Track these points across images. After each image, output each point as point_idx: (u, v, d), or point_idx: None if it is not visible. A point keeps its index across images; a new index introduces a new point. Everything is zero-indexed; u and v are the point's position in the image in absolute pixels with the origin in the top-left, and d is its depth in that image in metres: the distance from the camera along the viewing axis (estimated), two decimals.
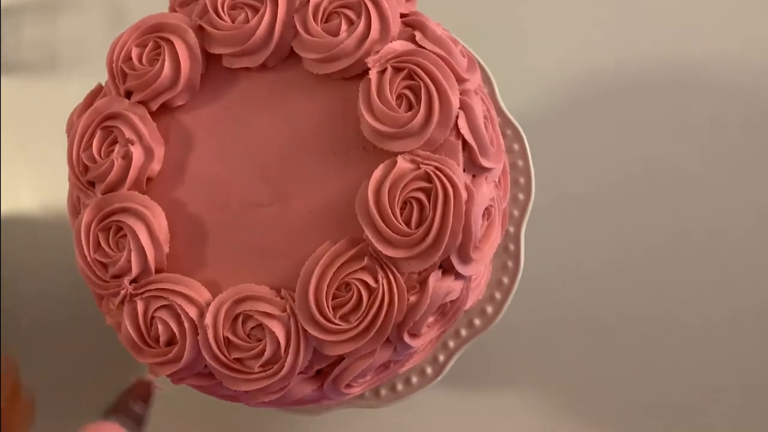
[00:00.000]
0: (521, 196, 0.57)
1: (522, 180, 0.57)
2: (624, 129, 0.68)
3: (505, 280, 0.56)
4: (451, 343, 0.57)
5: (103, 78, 0.49)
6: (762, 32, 0.69)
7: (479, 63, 0.57)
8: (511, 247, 0.57)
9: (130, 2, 0.75)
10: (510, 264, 0.57)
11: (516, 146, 0.58)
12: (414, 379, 0.57)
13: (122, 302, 0.45)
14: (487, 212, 0.45)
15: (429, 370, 0.57)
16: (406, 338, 0.43)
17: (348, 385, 0.45)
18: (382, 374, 0.48)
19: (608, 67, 0.69)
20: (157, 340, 0.45)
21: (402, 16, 0.46)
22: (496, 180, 0.47)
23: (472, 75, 0.46)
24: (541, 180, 0.58)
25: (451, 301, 0.45)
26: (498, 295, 0.57)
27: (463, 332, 0.57)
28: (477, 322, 0.57)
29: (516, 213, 0.57)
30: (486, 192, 0.44)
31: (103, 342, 0.57)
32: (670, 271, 0.66)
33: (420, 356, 0.53)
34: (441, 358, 0.57)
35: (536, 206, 0.57)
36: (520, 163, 0.58)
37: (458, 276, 0.44)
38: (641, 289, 0.66)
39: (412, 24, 0.45)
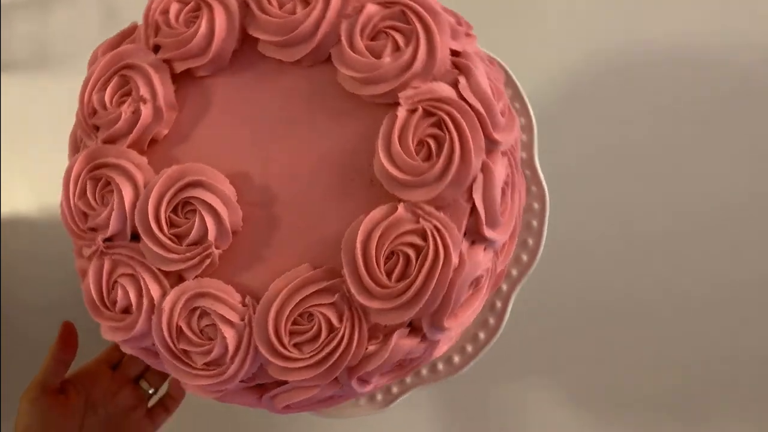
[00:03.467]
0: (525, 257, 0.55)
1: (530, 241, 0.55)
2: (639, 116, 0.66)
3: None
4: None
5: None
6: None
7: (506, 73, 0.56)
8: (498, 304, 0.55)
9: None
10: (491, 321, 0.55)
11: (536, 205, 0.55)
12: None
13: (92, 255, 0.45)
14: (476, 281, 0.43)
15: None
16: (354, 383, 0.42)
17: (286, 407, 0.44)
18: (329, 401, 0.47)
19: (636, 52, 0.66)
20: (114, 303, 0.44)
21: (453, 53, 0.43)
22: (498, 249, 0.45)
23: (507, 135, 0.43)
24: (554, 168, 0.55)
25: (411, 359, 0.43)
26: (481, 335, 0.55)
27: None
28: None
29: (514, 273, 0.55)
30: (481, 262, 0.42)
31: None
32: (690, 262, 0.64)
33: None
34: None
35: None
36: (535, 223, 0.55)
37: (424, 338, 0.42)
38: (659, 280, 0.64)
39: (460, 67, 0.42)
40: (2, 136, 0.69)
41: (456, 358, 0.55)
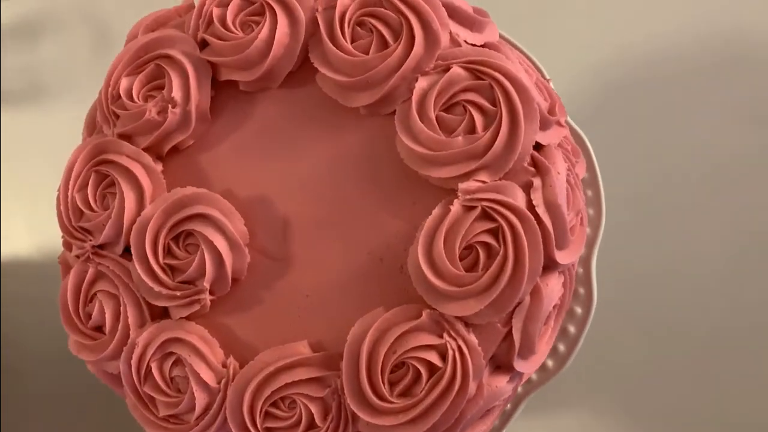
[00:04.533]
0: (550, 364, 0.49)
1: (562, 348, 0.49)
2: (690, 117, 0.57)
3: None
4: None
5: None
6: None
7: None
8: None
9: (113, 19, 0.64)
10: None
11: (579, 310, 0.49)
12: None
13: (79, 257, 0.40)
14: (489, 410, 0.37)
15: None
16: None
17: None
18: None
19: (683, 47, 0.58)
20: (88, 317, 0.39)
21: (536, 147, 0.36)
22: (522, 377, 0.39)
23: (571, 255, 0.37)
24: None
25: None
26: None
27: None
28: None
29: (534, 377, 0.49)
30: (501, 392, 0.36)
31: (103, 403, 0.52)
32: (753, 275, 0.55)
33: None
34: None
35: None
36: (572, 330, 0.49)
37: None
38: (725, 293, 0.55)
39: (538, 166, 0.35)
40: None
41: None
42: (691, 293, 0.55)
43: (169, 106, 0.38)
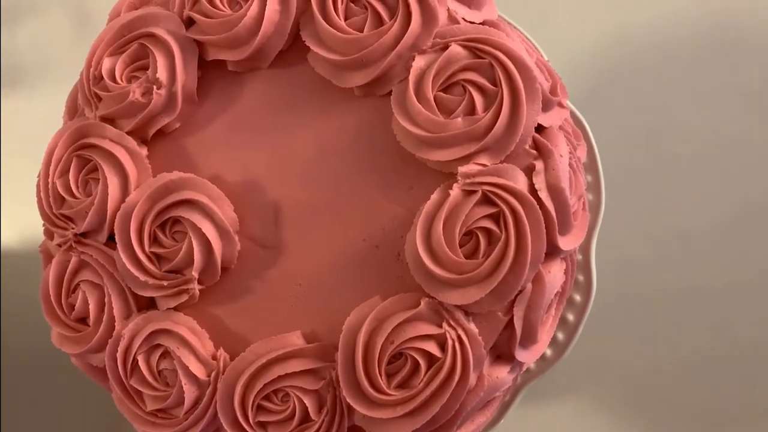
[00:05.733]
0: (548, 353, 0.47)
1: (561, 336, 0.47)
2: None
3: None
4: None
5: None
6: None
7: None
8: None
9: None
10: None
11: (578, 298, 0.47)
12: None
13: (60, 246, 0.38)
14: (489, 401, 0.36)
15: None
16: None
17: None
18: None
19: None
20: (71, 308, 0.38)
21: (538, 128, 0.34)
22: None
23: (574, 241, 0.36)
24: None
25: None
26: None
27: None
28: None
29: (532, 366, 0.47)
30: (501, 383, 0.35)
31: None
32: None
33: None
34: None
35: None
36: (571, 318, 0.47)
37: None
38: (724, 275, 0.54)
39: (540, 149, 0.34)
40: None
41: None
42: (691, 279, 0.54)
43: (154, 87, 0.36)
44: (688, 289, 0.54)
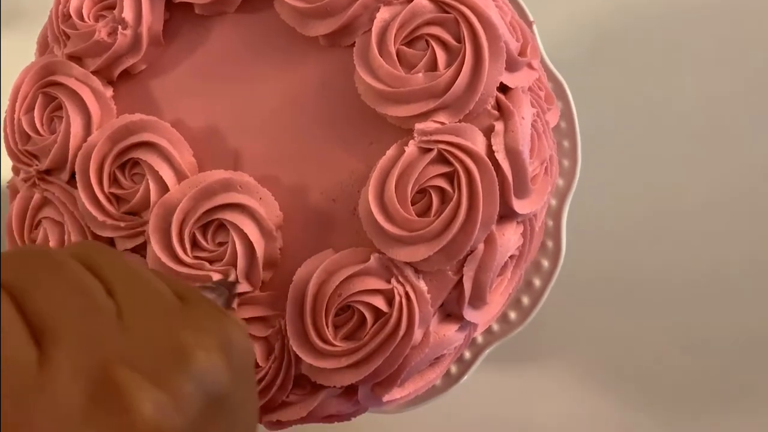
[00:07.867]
0: (512, 316, 0.48)
1: (526, 301, 0.48)
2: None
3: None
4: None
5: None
6: None
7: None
8: (467, 355, 0.48)
9: None
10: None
11: (546, 264, 0.47)
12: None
13: (26, 181, 0.38)
14: (438, 357, 0.36)
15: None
16: (265, 424, 0.37)
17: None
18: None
19: None
20: (33, 243, 0.38)
21: (502, 88, 0.34)
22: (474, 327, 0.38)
23: (531, 205, 0.35)
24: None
25: (335, 415, 0.37)
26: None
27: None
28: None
29: (495, 328, 0.48)
30: (449, 341, 0.35)
31: None
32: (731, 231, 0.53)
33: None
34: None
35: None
36: (538, 283, 0.48)
37: (357, 404, 0.36)
38: (697, 249, 0.54)
39: (502, 109, 0.33)
40: None
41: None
42: (665, 252, 0.54)
43: (119, 27, 0.36)
44: (661, 263, 0.54)
